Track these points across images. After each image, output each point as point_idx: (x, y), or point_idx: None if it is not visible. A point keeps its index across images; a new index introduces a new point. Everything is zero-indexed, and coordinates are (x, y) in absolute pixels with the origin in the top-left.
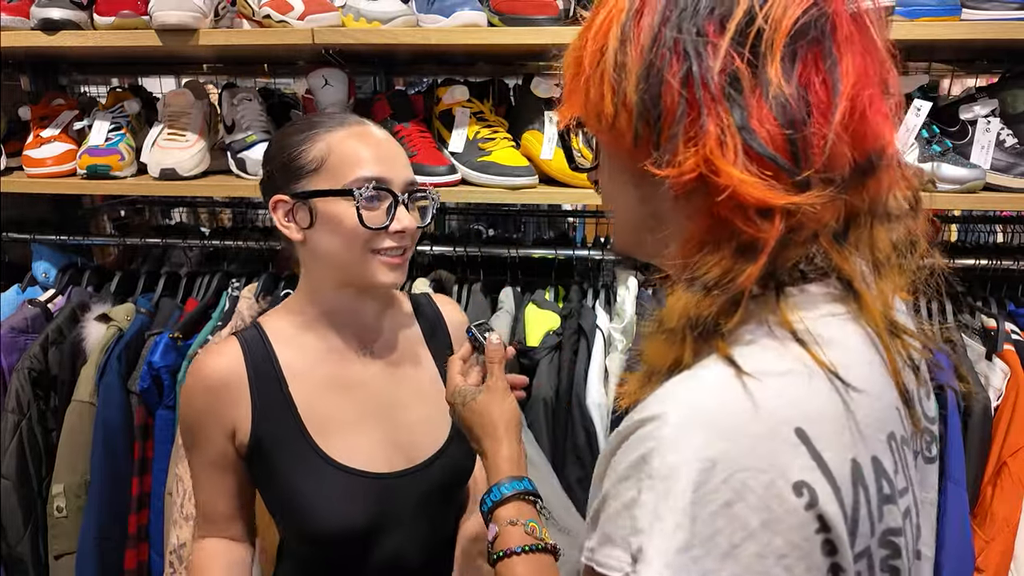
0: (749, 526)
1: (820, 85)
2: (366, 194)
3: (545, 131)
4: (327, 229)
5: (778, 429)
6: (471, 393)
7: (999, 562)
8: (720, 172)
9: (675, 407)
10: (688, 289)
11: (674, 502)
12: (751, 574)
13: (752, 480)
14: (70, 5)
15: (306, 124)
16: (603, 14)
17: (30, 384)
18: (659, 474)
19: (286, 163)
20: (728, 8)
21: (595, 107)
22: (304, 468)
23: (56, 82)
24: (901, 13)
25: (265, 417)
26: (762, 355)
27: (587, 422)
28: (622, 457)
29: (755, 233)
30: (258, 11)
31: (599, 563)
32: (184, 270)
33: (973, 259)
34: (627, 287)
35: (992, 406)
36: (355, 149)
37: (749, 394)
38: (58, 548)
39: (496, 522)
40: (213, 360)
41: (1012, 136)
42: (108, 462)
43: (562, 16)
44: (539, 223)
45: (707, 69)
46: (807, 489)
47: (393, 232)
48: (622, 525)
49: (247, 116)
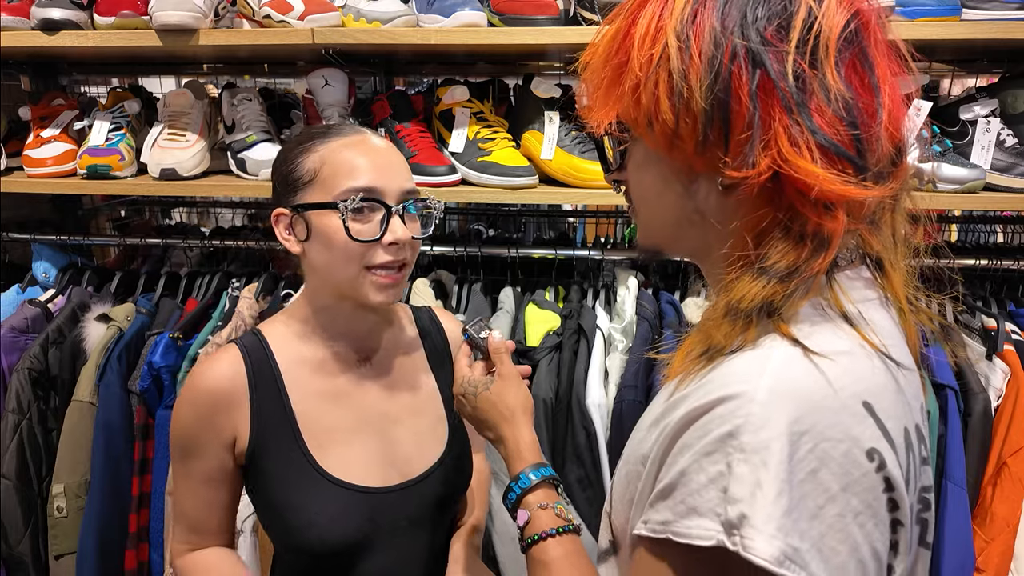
0: (831, 490)
1: (863, 88)
2: (352, 205)
3: (545, 131)
4: (321, 243)
5: (849, 403)
6: (483, 383)
7: (999, 562)
8: (800, 170)
9: (758, 385)
10: (759, 277)
11: (774, 472)
12: (833, 532)
13: (833, 449)
14: (70, 5)
15: (305, 135)
16: (646, 18)
17: (30, 384)
18: (751, 447)
19: (285, 176)
20: (786, 17)
21: (648, 112)
22: (299, 480)
23: (56, 82)
24: (901, 13)
25: (264, 426)
26: (822, 335)
27: (587, 422)
28: (699, 434)
29: (823, 224)
30: (258, 11)
31: (681, 534)
32: (184, 270)
33: (973, 259)
34: (627, 287)
35: (992, 406)
36: (348, 160)
37: (822, 372)
38: (58, 548)
39: (526, 508)
40: (213, 369)
41: (1012, 136)
42: (108, 462)
43: (562, 16)
44: (539, 223)
45: (777, 74)
46: (877, 455)
47: (387, 244)
48: (709, 497)
49: (247, 116)
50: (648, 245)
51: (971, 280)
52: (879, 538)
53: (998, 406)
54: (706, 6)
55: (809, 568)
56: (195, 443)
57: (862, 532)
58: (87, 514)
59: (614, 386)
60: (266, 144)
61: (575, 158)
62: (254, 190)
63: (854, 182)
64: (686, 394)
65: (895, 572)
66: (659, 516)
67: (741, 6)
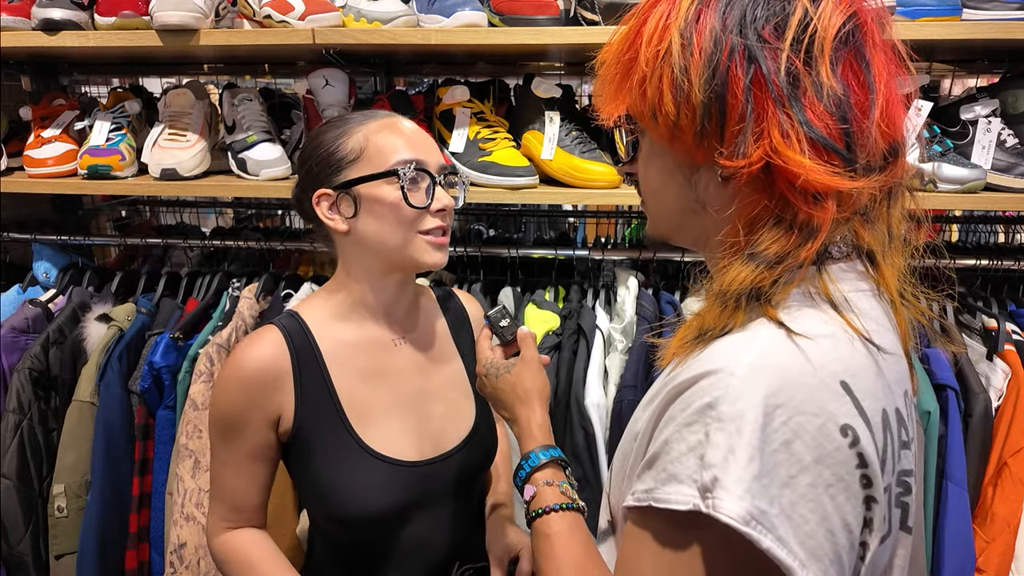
0: (804, 461)
1: (858, 86)
2: (409, 174)
3: (545, 131)
4: (373, 214)
5: (827, 380)
6: (505, 366)
7: (1000, 563)
8: (789, 161)
9: (739, 361)
10: (748, 263)
11: (747, 440)
12: (805, 501)
13: (808, 423)
14: (71, 5)
15: (339, 121)
16: (655, 18)
17: (31, 384)
18: (728, 417)
19: (325, 157)
20: (783, 18)
21: (653, 105)
22: (343, 455)
23: (57, 82)
24: (902, 13)
25: (308, 404)
26: (808, 319)
27: (586, 423)
28: (682, 406)
29: (812, 214)
30: (259, 11)
31: (661, 500)
32: (185, 270)
33: (974, 259)
34: (627, 287)
35: (993, 406)
36: (390, 136)
37: (802, 351)
38: (59, 548)
39: (533, 483)
40: (257, 348)
41: (1013, 136)
42: (109, 462)
43: (562, 16)
44: (539, 223)
45: (770, 71)
46: (851, 431)
47: (435, 211)
48: (688, 464)
49: (248, 116)
50: (656, 235)
51: (971, 280)
52: (851, 511)
53: (999, 406)
54: (710, 7)
55: (777, 532)
56: (240, 421)
57: (833, 503)
58: (87, 514)
59: (614, 386)
60: (266, 144)
61: (575, 158)
62: (254, 190)
63: (840, 173)
64: (676, 374)
65: (868, 548)
66: (643, 485)
67: (742, 7)
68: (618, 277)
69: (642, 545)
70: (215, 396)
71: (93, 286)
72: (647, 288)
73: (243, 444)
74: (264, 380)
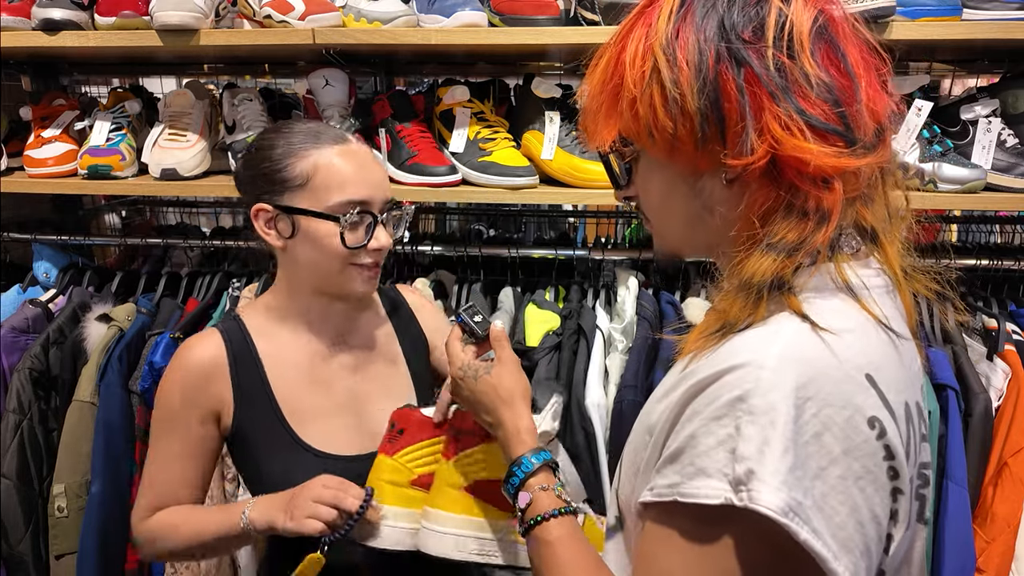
0: (833, 452)
1: (839, 74)
2: (351, 220)
3: (545, 131)
4: (309, 242)
5: (853, 374)
6: (483, 367)
7: (1000, 563)
8: (796, 149)
9: (767, 354)
10: (768, 253)
11: (780, 432)
12: (835, 492)
13: (836, 415)
14: (71, 5)
15: (290, 134)
16: (634, 43)
17: (31, 384)
18: (760, 409)
19: (269, 174)
20: (760, 20)
21: (648, 123)
22: (279, 450)
23: (57, 82)
24: (902, 13)
25: (245, 401)
26: (830, 312)
27: (586, 423)
28: (708, 400)
29: (822, 197)
30: (259, 11)
31: (688, 494)
32: (185, 270)
33: (974, 259)
34: (627, 287)
35: (993, 406)
36: (340, 171)
37: (827, 345)
38: (59, 548)
39: (528, 490)
40: (197, 349)
41: (1013, 136)
42: (109, 462)
43: (562, 16)
44: (539, 223)
45: (760, 67)
46: (878, 423)
47: (371, 250)
48: (717, 458)
49: (248, 116)
50: (666, 250)
51: (972, 280)
52: (879, 503)
53: (999, 406)
54: (686, 22)
55: (812, 523)
56: (177, 416)
57: (862, 495)
58: (88, 514)
59: (614, 386)
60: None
61: (575, 158)
62: None
63: (845, 154)
64: (697, 367)
65: (893, 540)
66: (666, 480)
67: (718, 17)
68: (618, 277)
69: (666, 541)
70: (157, 393)
71: (93, 286)
72: (647, 288)
73: (176, 440)
74: (200, 378)
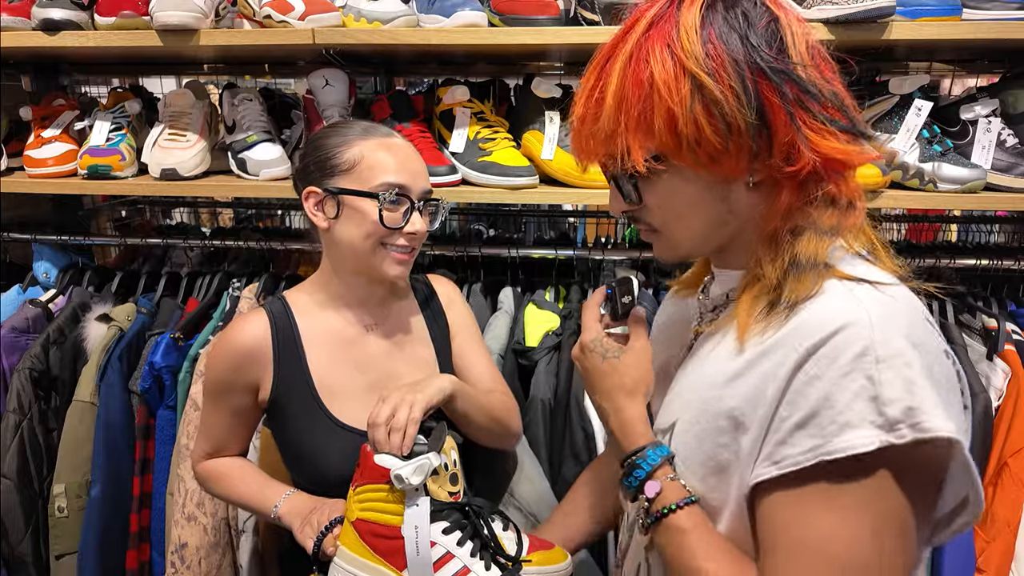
0: (941, 384)
1: (834, 79)
2: (389, 198)
3: (546, 131)
4: (351, 222)
5: (922, 319)
6: (613, 349)
7: (1000, 563)
8: (834, 151)
9: (865, 310)
10: (813, 236)
11: (917, 370)
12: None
13: (935, 350)
14: (71, 5)
15: (344, 128)
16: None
17: (31, 384)
18: (890, 355)
19: (322, 160)
20: (777, 37)
21: (691, 139)
22: (313, 426)
23: (57, 82)
24: (902, 13)
25: (284, 380)
26: (870, 274)
27: (585, 423)
28: (826, 363)
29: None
30: (259, 11)
31: (836, 450)
32: (185, 270)
33: (973, 259)
34: None
35: (993, 406)
36: (384, 157)
37: (893, 298)
38: (59, 548)
39: (657, 479)
40: (244, 328)
41: (1013, 136)
42: (109, 462)
43: (563, 16)
44: (539, 223)
45: (802, 82)
46: (951, 355)
47: (406, 233)
48: (859, 409)
49: (248, 116)
50: (675, 258)
51: (971, 280)
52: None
53: (999, 406)
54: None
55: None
56: (225, 387)
57: (965, 421)
58: (88, 514)
59: None
60: (267, 144)
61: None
62: (254, 190)
63: (866, 151)
64: (774, 343)
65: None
66: (799, 447)
67: (739, 36)
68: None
69: (814, 505)
70: (207, 365)
71: (93, 286)
72: (647, 288)
73: (226, 405)
74: (244, 357)
